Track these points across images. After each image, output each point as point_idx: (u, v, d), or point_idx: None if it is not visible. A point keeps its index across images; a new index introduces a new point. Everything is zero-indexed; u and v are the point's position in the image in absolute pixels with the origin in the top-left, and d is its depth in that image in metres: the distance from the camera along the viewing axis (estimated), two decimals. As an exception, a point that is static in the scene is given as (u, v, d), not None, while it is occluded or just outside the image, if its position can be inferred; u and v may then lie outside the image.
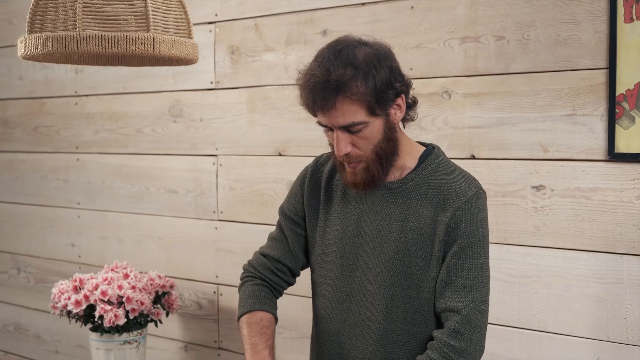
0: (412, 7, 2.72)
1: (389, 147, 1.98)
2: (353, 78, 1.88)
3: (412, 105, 2.05)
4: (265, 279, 2.22)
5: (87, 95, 3.74)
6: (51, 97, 3.90)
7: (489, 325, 2.56)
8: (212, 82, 3.28)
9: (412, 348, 2.01)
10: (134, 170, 3.57)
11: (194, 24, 3.26)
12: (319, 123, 1.98)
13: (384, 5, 2.78)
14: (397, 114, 1.98)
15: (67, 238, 3.87)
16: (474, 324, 1.94)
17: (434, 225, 1.97)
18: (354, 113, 1.90)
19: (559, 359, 2.49)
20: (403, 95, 1.98)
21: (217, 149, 3.27)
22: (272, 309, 2.19)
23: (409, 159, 2.04)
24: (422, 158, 2.05)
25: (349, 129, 1.93)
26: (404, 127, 2.08)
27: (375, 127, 1.94)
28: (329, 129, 1.97)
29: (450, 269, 1.95)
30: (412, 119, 2.07)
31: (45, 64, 3.86)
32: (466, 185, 1.99)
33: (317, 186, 2.17)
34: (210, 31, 3.26)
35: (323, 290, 2.14)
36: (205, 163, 3.31)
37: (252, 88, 3.15)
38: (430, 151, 2.08)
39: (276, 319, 2.19)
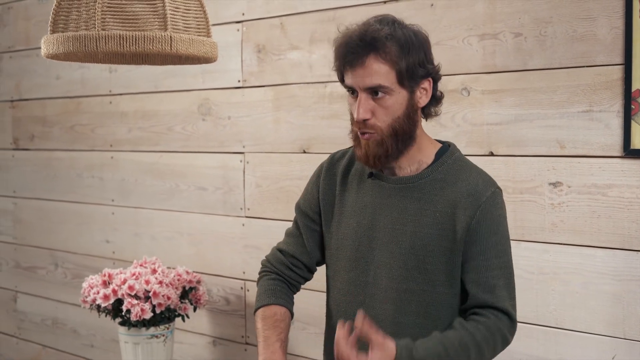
0: (432, 5, 2.73)
1: (407, 125, 1.97)
2: (389, 37, 1.90)
3: (439, 97, 2.05)
4: (281, 274, 2.25)
5: (120, 94, 3.81)
6: (87, 97, 3.98)
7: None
8: (239, 81, 3.32)
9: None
10: (165, 167, 3.64)
11: (221, 24, 3.34)
12: (345, 85, 1.98)
13: (404, 3, 2.80)
14: (422, 97, 1.99)
15: (102, 234, 3.96)
16: (513, 319, 2.01)
17: (452, 222, 1.98)
18: (382, 75, 1.91)
19: (576, 356, 2.48)
20: (431, 80, 1.99)
21: (244, 147, 3.32)
22: (287, 303, 2.21)
23: (426, 154, 2.05)
24: (439, 154, 2.06)
25: (373, 92, 1.93)
26: (427, 120, 2.08)
27: (398, 99, 1.94)
28: (354, 93, 1.97)
29: (478, 271, 1.98)
30: (435, 114, 2.07)
31: (81, 64, 3.94)
32: (484, 184, 2.00)
33: (332, 181, 2.18)
34: (238, 30, 3.31)
35: (338, 284, 2.15)
36: (232, 160, 3.36)
37: (278, 86, 3.18)
38: (447, 148, 2.09)
39: (292, 313, 2.21)
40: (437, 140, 2.12)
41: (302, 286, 2.31)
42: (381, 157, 1.99)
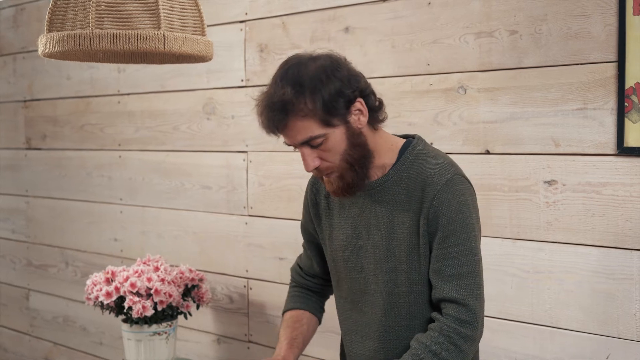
0: (429, 3, 2.73)
1: (357, 152, 1.98)
2: (297, 95, 1.90)
3: (378, 107, 2.04)
4: (300, 284, 2.37)
5: (128, 94, 3.85)
6: (96, 96, 4.02)
7: (502, 321, 2.59)
8: (242, 80, 3.34)
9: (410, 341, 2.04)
10: (171, 166, 3.66)
11: (225, 24, 3.36)
12: (285, 143, 2.02)
13: (402, 2, 2.80)
14: (360, 119, 1.98)
15: (111, 233, 3.99)
16: (473, 310, 1.95)
17: (416, 218, 1.99)
18: (308, 128, 1.92)
19: (570, 355, 2.47)
20: (361, 100, 1.97)
21: (247, 146, 3.33)
22: (307, 306, 2.32)
23: (388, 156, 2.06)
24: (402, 151, 2.06)
25: (310, 143, 1.95)
26: (376, 129, 2.06)
27: (337, 138, 1.95)
28: (295, 148, 2.01)
29: (437, 260, 1.97)
30: (382, 120, 2.06)
31: (90, 64, 3.98)
32: (439, 172, 1.99)
33: (318, 197, 2.23)
34: (241, 30, 3.32)
35: (341, 293, 2.21)
36: (236, 159, 3.38)
37: (280, 85, 3.19)
38: (410, 142, 2.08)
39: (316, 315, 2.33)
40: (402, 135, 2.12)
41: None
42: (347, 188, 2.01)
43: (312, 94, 1.90)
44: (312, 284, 2.35)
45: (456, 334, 1.93)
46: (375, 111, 2.03)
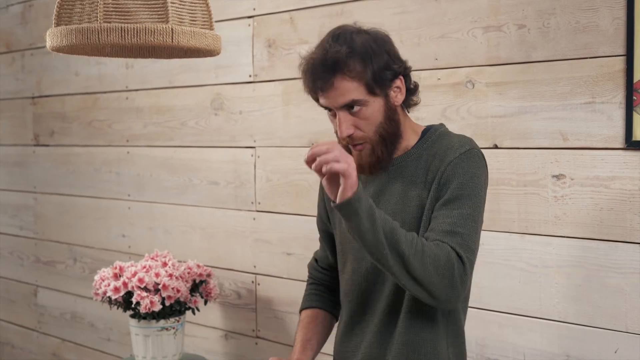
0: (437, -2, 2.73)
1: (392, 127, 2.01)
2: (350, 55, 1.92)
3: (413, 90, 2.08)
4: (317, 279, 2.37)
5: (136, 90, 3.85)
6: (104, 92, 4.03)
7: (510, 316, 2.59)
8: (250, 76, 3.34)
9: (413, 319, 2.03)
10: (179, 162, 3.67)
11: (233, 19, 3.37)
12: (323, 106, 2.02)
13: (410, -4, 2.80)
14: (397, 96, 2.02)
15: (119, 229, 3.99)
16: (465, 263, 1.87)
17: (429, 188, 1.99)
18: (352, 91, 1.94)
19: (578, 349, 2.46)
20: (402, 78, 2.01)
21: (255, 141, 3.33)
22: (323, 304, 2.31)
23: (411, 139, 2.08)
24: (424, 133, 2.09)
25: (350, 108, 1.96)
26: (408, 111, 2.11)
27: (375, 107, 1.98)
28: (332, 112, 2.01)
29: (434, 220, 1.94)
30: (415, 104, 2.10)
31: (99, 60, 3.99)
32: (460, 143, 2.00)
33: None
34: (249, 25, 3.33)
35: (345, 275, 2.19)
36: (244, 155, 3.38)
37: (288, 81, 3.20)
38: (432, 126, 2.12)
39: (332, 313, 2.31)
40: (427, 126, 2.14)
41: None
42: (375, 164, 2.03)
43: (364, 59, 1.93)
44: (327, 277, 2.33)
45: (457, 254, 1.88)
46: (411, 93, 2.07)
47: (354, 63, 1.93)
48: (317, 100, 2.03)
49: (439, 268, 1.85)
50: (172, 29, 2.07)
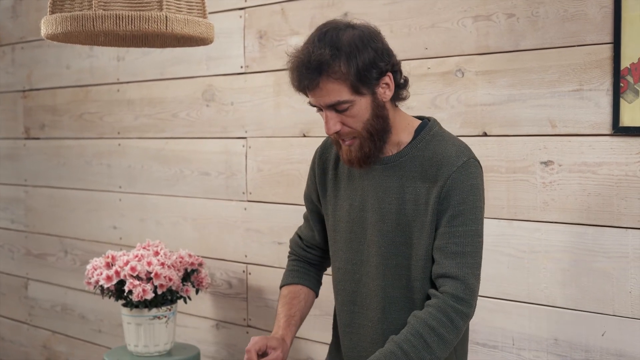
0: (427, -12, 2.77)
1: (379, 124, 2.04)
2: (334, 58, 1.94)
3: (403, 85, 2.10)
4: (300, 256, 2.39)
5: (128, 82, 3.87)
6: (95, 85, 4.04)
7: (499, 301, 2.63)
8: (241, 67, 3.37)
9: (413, 310, 2.07)
10: (170, 154, 3.69)
11: (224, 11, 3.39)
12: (310, 103, 2.06)
13: (400, -14, 2.83)
14: (385, 92, 2.04)
15: (110, 221, 4.01)
16: (472, 289, 1.99)
17: (428, 196, 2.03)
18: (338, 92, 1.97)
19: (566, 333, 2.50)
20: (390, 75, 2.03)
21: (246, 132, 3.36)
22: (305, 281, 2.35)
23: (404, 134, 2.10)
24: (418, 131, 2.11)
25: (335, 107, 1.99)
26: (397, 105, 2.12)
27: (362, 106, 2.00)
28: (319, 109, 2.04)
29: (443, 237, 2.01)
30: (404, 98, 2.12)
31: (90, 53, 4.01)
32: (457, 154, 2.03)
33: (325, 166, 2.26)
34: (240, 17, 3.35)
35: (337, 264, 2.23)
36: (235, 145, 3.41)
37: (279, 72, 3.22)
38: (426, 124, 2.13)
39: (312, 289, 2.35)
40: (417, 117, 2.17)
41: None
42: (364, 159, 2.06)
43: (348, 59, 1.95)
44: (311, 255, 2.37)
45: (453, 311, 1.96)
46: (400, 88, 2.09)
47: (338, 64, 1.95)
48: (306, 95, 2.06)
49: (449, 341, 1.98)
50: (166, 17, 2.09)
